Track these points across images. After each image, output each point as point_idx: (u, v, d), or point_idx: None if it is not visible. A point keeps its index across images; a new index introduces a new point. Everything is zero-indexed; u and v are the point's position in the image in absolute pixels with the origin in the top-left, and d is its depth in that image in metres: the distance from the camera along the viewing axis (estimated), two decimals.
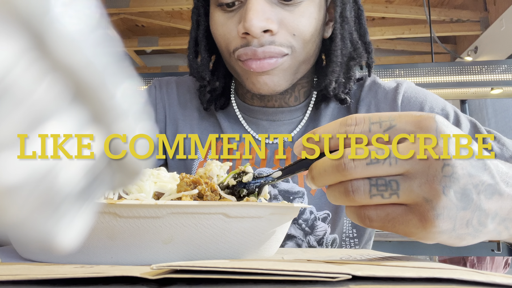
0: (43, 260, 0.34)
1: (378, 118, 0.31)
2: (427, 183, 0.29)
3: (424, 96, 0.66)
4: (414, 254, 1.84)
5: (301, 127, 0.68)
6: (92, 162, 0.12)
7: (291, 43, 0.57)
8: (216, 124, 0.71)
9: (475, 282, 0.21)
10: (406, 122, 0.30)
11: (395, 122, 0.30)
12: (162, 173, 0.39)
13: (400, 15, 4.31)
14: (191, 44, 0.69)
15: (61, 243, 0.12)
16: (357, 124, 0.31)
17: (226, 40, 0.60)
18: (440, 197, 0.28)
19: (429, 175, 0.29)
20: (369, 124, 0.30)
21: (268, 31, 0.56)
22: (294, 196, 0.64)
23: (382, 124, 0.30)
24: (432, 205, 0.29)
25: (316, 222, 0.64)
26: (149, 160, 0.14)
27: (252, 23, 0.54)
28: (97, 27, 0.11)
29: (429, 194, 0.29)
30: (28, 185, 0.10)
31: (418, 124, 0.30)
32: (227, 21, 0.59)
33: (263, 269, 0.21)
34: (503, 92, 2.81)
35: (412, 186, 0.29)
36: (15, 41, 0.10)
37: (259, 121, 0.69)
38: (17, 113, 0.10)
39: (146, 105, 0.13)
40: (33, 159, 0.11)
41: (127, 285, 0.22)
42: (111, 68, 0.12)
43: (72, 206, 0.12)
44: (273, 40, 0.56)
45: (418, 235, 0.30)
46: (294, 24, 0.57)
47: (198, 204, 0.31)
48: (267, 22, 0.55)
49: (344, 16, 0.62)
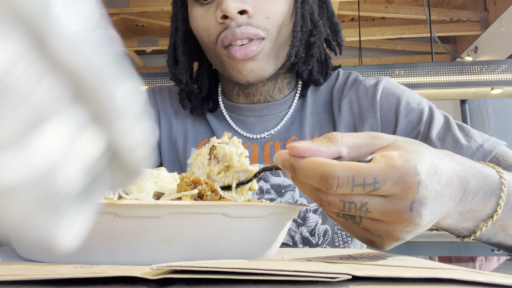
0: (43, 260, 0.34)
1: (363, 180, 0.31)
2: (386, 231, 0.33)
3: (401, 92, 0.69)
4: (414, 254, 1.84)
5: (286, 119, 0.70)
6: (92, 162, 0.12)
7: (265, 26, 0.61)
8: (208, 126, 0.73)
9: (475, 282, 0.21)
10: (391, 185, 0.31)
11: (379, 185, 0.31)
12: (162, 173, 0.39)
13: (400, 15, 4.31)
14: (170, 49, 0.72)
15: (61, 243, 0.12)
16: (339, 186, 0.31)
17: (207, 31, 0.63)
18: (392, 242, 0.34)
19: (390, 228, 0.33)
20: (352, 187, 0.31)
21: (245, 13, 0.60)
22: (286, 189, 0.67)
23: (366, 188, 0.31)
24: (383, 241, 0.34)
25: (307, 214, 0.66)
26: (149, 160, 0.14)
27: (228, 4, 0.58)
28: (97, 27, 0.11)
29: (384, 235, 0.34)
30: (28, 185, 0.10)
31: (401, 189, 0.31)
32: (205, 14, 0.63)
33: (263, 269, 0.21)
34: (503, 92, 2.81)
35: (373, 226, 0.34)
36: (15, 41, 0.10)
37: (246, 118, 0.72)
38: (17, 113, 0.10)
39: (145, 105, 0.13)
40: (33, 159, 0.11)
41: (127, 285, 0.22)
42: (111, 68, 0.12)
43: (72, 206, 0.12)
44: (250, 22, 0.60)
45: (364, 242, 0.37)
46: (267, 7, 0.61)
47: (198, 204, 0.31)
48: (242, 3, 0.59)
49: None
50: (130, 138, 0.13)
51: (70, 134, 0.11)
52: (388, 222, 0.32)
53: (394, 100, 0.68)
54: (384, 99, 0.68)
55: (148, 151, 0.14)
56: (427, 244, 1.91)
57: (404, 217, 0.31)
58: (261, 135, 0.70)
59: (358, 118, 0.69)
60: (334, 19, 0.72)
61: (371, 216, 0.33)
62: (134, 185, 0.35)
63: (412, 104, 0.67)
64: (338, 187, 0.31)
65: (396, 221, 0.32)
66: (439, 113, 0.66)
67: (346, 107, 0.70)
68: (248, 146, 0.70)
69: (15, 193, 0.10)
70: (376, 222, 0.33)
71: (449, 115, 0.67)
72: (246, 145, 0.70)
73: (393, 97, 0.68)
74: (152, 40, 4.81)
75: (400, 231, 0.33)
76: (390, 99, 0.68)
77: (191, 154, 0.71)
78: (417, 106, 0.66)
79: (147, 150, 0.13)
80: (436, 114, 0.65)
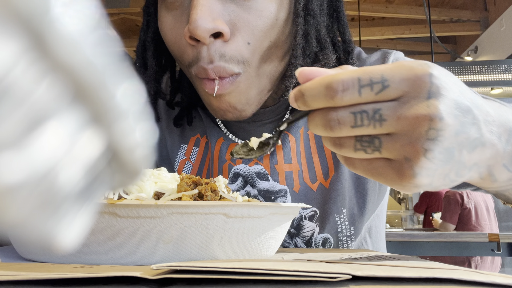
0: (43, 260, 0.34)
1: (369, 79, 0.28)
2: (409, 144, 0.28)
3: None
4: (414, 254, 1.84)
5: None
6: (92, 162, 0.12)
7: (244, 56, 0.48)
8: (201, 121, 0.66)
9: (475, 282, 0.21)
10: (400, 80, 0.28)
11: (388, 83, 0.28)
12: (162, 173, 0.39)
13: (400, 15, 4.31)
14: (138, 49, 0.58)
15: (61, 243, 0.12)
16: (344, 89, 0.29)
17: (177, 48, 0.51)
18: (420, 159, 0.28)
19: (412, 137, 0.28)
20: (359, 88, 0.29)
21: (220, 36, 0.46)
22: (276, 195, 0.57)
23: (374, 87, 0.28)
24: (411, 164, 0.29)
25: (302, 222, 0.58)
26: (149, 160, 0.14)
27: (198, 24, 0.44)
28: (97, 27, 0.11)
29: (410, 154, 0.29)
30: (28, 185, 0.10)
31: (412, 83, 0.28)
32: (175, 23, 0.50)
33: (263, 269, 0.21)
34: (503, 92, 2.82)
35: (395, 145, 0.29)
36: (15, 41, 0.10)
37: (238, 123, 0.62)
38: (17, 113, 0.10)
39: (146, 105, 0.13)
40: (33, 159, 0.11)
41: (127, 285, 0.22)
42: (111, 68, 0.12)
43: (72, 206, 0.12)
44: (224, 53, 0.47)
45: (395, 187, 0.31)
46: (249, 27, 0.47)
47: (198, 204, 0.31)
48: (216, 23, 0.45)
49: (310, 9, 0.52)
50: (130, 138, 0.13)
51: (70, 134, 0.11)
52: (409, 131, 0.28)
53: None
54: None
55: (148, 151, 0.14)
56: (427, 244, 1.91)
57: (422, 114, 0.28)
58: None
59: None
60: (347, 36, 0.57)
61: (388, 126, 0.29)
62: (134, 185, 0.35)
63: None
64: (344, 92, 0.28)
65: (415, 123, 0.28)
66: None
67: None
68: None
69: (15, 193, 0.10)
70: (397, 137, 0.29)
71: None
72: (234, 145, 0.61)
73: None
74: None
75: (424, 138, 0.28)
76: None
77: (180, 151, 0.65)
78: None
79: (147, 150, 0.13)
80: None
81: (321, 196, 0.59)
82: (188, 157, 0.65)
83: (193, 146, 0.66)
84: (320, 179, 0.59)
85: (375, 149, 0.30)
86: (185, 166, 0.65)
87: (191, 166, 0.65)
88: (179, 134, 0.67)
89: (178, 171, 0.65)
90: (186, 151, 0.66)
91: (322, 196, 0.59)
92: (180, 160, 0.65)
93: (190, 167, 0.65)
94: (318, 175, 0.59)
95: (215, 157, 0.62)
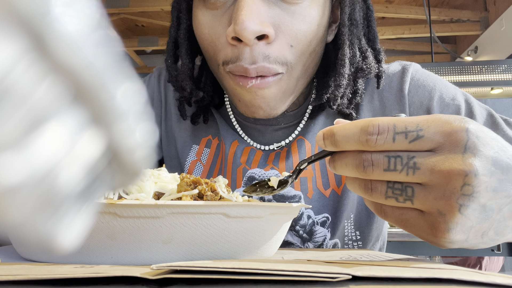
0: (43, 260, 0.34)
1: (404, 127, 0.29)
2: (443, 198, 0.28)
3: (433, 83, 0.57)
4: (414, 254, 1.84)
5: (297, 133, 0.61)
6: (92, 163, 0.12)
7: (286, 58, 0.49)
8: (214, 121, 0.66)
9: (475, 282, 0.21)
10: (435, 132, 0.28)
11: (422, 133, 0.28)
12: (162, 173, 0.39)
13: (400, 15, 4.31)
14: (169, 46, 0.60)
15: (61, 243, 0.12)
16: (379, 133, 0.29)
17: (213, 47, 0.51)
18: (455, 214, 0.28)
19: (446, 191, 0.28)
20: (393, 134, 0.29)
21: (264, 38, 0.47)
22: (290, 201, 0.59)
23: (408, 135, 0.28)
24: (445, 219, 0.28)
25: (314, 227, 0.58)
26: (150, 160, 0.14)
27: (245, 26, 0.44)
28: (97, 27, 0.11)
29: (444, 209, 0.28)
30: (29, 186, 0.10)
31: (448, 136, 0.28)
32: (214, 23, 0.50)
33: (263, 269, 0.21)
34: (503, 92, 2.82)
35: (428, 197, 0.29)
36: (15, 42, 0.10)
37: (255, 125, 0.62)
38: (17, 114, 0.10)
39: (146, 105, 0.13)
40: (34, 160, 0.11)
41: (127, 285, 0.22)
42: (111, 69, 0.12)
43: (72, 207, 0.12)
44: (268, 54, 0.47)
45: (429, 241, 0.30)
46: (292, 32, 0.48)
47: (198, 204, 0.31)
48: (263, 26, 0.46)
49: (353, 19, 0.53)
50: (130, 139, 0.13)
51: (70, 135, 0.11)
52: (443, 185, 0.28)
53: (426, 94, 0.57)
54: (413, 93, 0.57)
55: (148, 152, 0.14)
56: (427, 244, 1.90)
57: (457, 169, 0.27)
58: (269, 146, 0.61)
59: (380, 114, 0.58)
60: (377, 44, 0.57)
61: (421, 176, 0.28)
62: (134, 185, 0.35)
63: (447, 99, 0.56)
64: (379, 135, 0.28)
65: (449, 176, 0.27)
66: (479, 107, 0.55)
67: (366, 101, 0.59)
68: (251, 150, 0.62)
69: (15, 193, 0.10)
70: (430, 189, 0.28)
71: (490, 108, 0.56)
72: (249, 148, 0.62)
73: (424, 90, 0.57)
74: (152, 40, 4.80)
75: (459, 194, 0.27)
76: (421, 93, 0.57)
77: (191, 151, 0.65)
78: (452, 101, 0.56)
79: (147, 150, 0.13)
80: (475, 109, 0.55)
81: (333, 203, 0.60)
82: (199, 158, 0.65)
83: (204, 147, 0.65)
84: (333, 185, 0.60)
85: (407, 198, 0.29)
86: (196, 167, 0.65)
87: (202, 167, 0.65)
88: (190, 134, 0.66)
89: (188, 171, 0.65)
90: (197, 152, 0.66)
91: (334, 203, 0.60)
92: (191, 160, 0.65)
93: (201, 168, 0.65)
94: (331, 181, 0.60)
95: (229, 160, 0.62)
